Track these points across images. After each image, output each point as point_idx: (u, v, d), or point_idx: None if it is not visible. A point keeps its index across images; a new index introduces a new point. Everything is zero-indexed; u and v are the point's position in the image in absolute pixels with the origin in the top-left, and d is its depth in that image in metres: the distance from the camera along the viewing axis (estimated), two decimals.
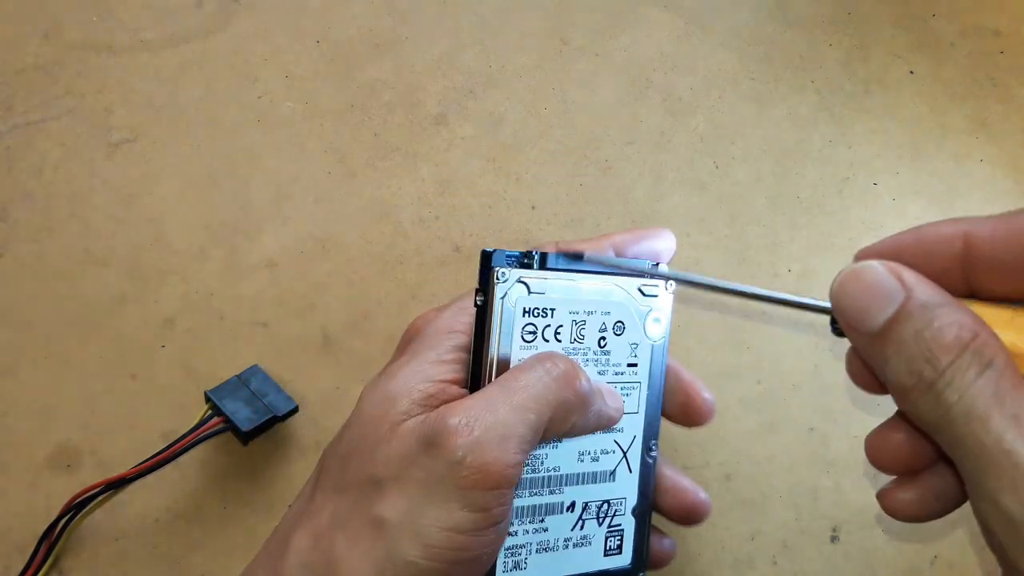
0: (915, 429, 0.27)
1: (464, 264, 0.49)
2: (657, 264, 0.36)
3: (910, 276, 0.24)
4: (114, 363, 0.44)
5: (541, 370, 0.31)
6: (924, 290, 0.24)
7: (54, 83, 0.51)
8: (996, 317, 0.24)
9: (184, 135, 0.50)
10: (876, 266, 0.25)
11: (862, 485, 0.46)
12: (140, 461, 0.40)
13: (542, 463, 0.34)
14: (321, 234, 0.49)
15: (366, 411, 0.31)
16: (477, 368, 0.32)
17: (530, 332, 0.33)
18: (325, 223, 0.49)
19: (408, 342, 0.34)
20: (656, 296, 0.36)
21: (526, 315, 0.33)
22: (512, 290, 0.32)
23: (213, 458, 0.43)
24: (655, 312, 0.36)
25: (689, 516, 0.38)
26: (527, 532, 0.34)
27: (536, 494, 0.34)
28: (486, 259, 0.32)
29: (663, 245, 0.38)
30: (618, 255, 0.37)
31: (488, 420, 0.29)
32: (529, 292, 0.33)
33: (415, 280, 0.48)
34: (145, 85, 0.51)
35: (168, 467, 0.41)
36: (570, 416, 0.31)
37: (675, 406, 0.38)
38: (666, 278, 0.34)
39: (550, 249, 0.34)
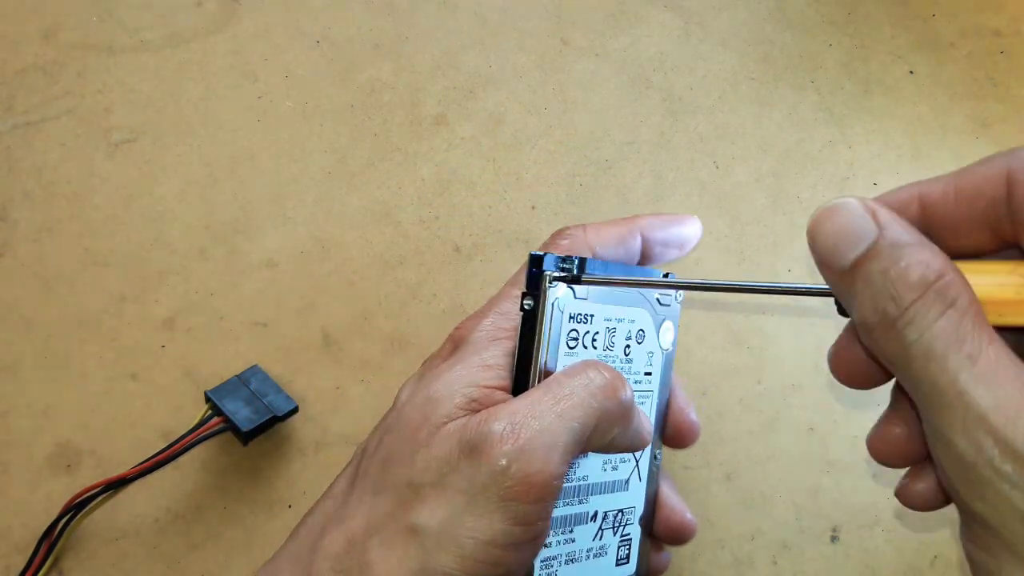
0: (912, 422, 0.27)
1: (464, 264, 0.49)
2: (667, 274, 0.36)
3: (885, 214, 0.24)
4: (114, 363, 0.44)
5: (586, 378, 0.30)
6: (896, 229, 0.24)
7: (54, 83, 0.51)
8: (989, 269, 0.25)
9: (184, 135, 0.50)
10: (852, 203, 0.24)
11: (862, 485, 0.46)
12: (140, 461, 0.40)
13: (575, 472, 0.33)
14: (321, 234, 0.49)
15: (407, 414, 0.30)
16: (524, 374, 0.31)
17: (573, 338, 0.32)
18: (325, 223, 0.49)
19: (453, 349, 0.33)
20: (668, 306, 0.37)
21: (571, 321, 0.32)
22: (563, 296, 0.31)
23: (213, 458, 0.43)
24: (667, 321, 0.36)
25: (675, 535, 0.37)
26: (559, 543, 0.33)
27: (568, 504, 0.33)
28: (537, 262, 0.31)
29: (690, 231, 0.37)
30: (645, 238, 0.36)
31: (534, 427, 0.27)
32: (575, 297, 0.32)
33: (415, 280, 0.48)
34: (145, 85, 0.51)
35: (168, 467, 0.41)
36: (612, 428, 0.30)
37: (668, 426, 0.38)
38: (678, 286, 0.34)
39: (579, 233, 0.34)
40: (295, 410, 0.43)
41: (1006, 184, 0.24)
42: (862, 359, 0.27)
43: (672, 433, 0.38)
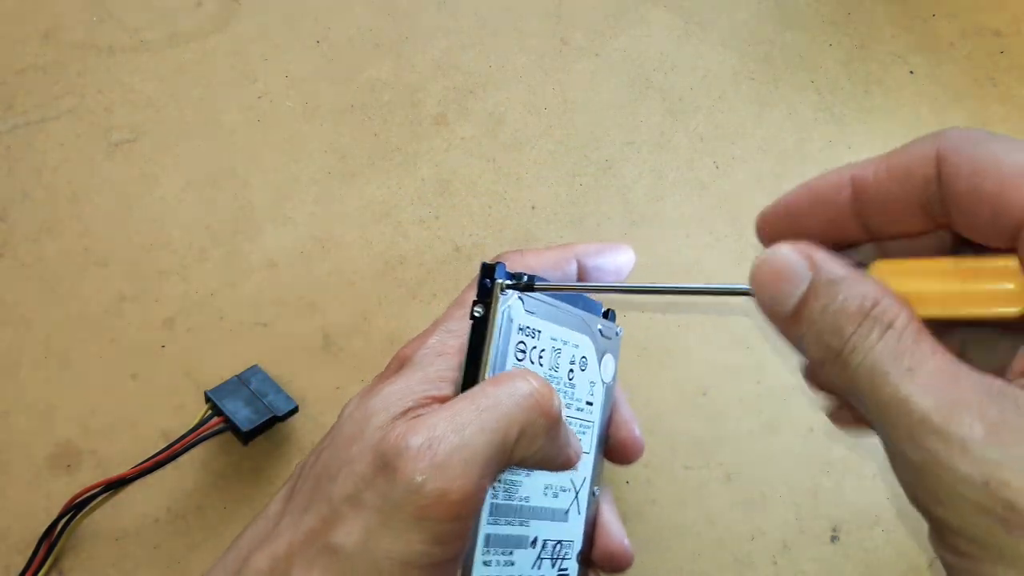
0: None
1: (464, 264, 0.49)
2: (608, 312, 0.37)
3: (818, 255, 0.25)
4: (114, 363, 0.44)
5: (512, 386, 0.29)
6: (830, 266, 0.24)
7: (54, 83, 0.51)
8: (919, 269, 0.26)
9: (184, 135, 0.50)
10: (785, 250, 0.25)
11: (862, 485, 0.46)
12: (140, 461, 0.40)
13: (517, 491, 0.33)
14: (321, 234, 0.49)
15: (344, 429, 0.29)
16: (471, 383, 0.31)
17: (521, 350, 0.32)
18: (325, 223, 0.49)
19: (398, 369, 0.32)
20: (609, 339, 0.37)
21: (520, 332, 0.32)
22: (513, 305, 0.31)
23: (213, 458, 0.43)
24: (608, 354, 0.37)
25: (613, 562, 0.37)
26: (499, 564, 0.32)
27: (509, 523, 0.32)
28: (488, 271, 0.31)
29: (623, 259, 0.38)
30: (580, 264, 0.37)
31: (452, 441, 0.26)
32: (524, 309, 0.32)
33: (415, 280, 0.48)
34: (145, 85, 0.51)
35: (168, 467, 0.41)
36: (537, 439, 0.29)
37: (612, 440, 0.38)
38: (622, 290, 0.34)
39: (516, 256, 0.34)
40: (295, 410, 0.43)
41: (935, 164, 0.24)
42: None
43: (616, 447, 0.37)
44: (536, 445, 0.29)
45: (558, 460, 0.31)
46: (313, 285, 0.47)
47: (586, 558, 0.36)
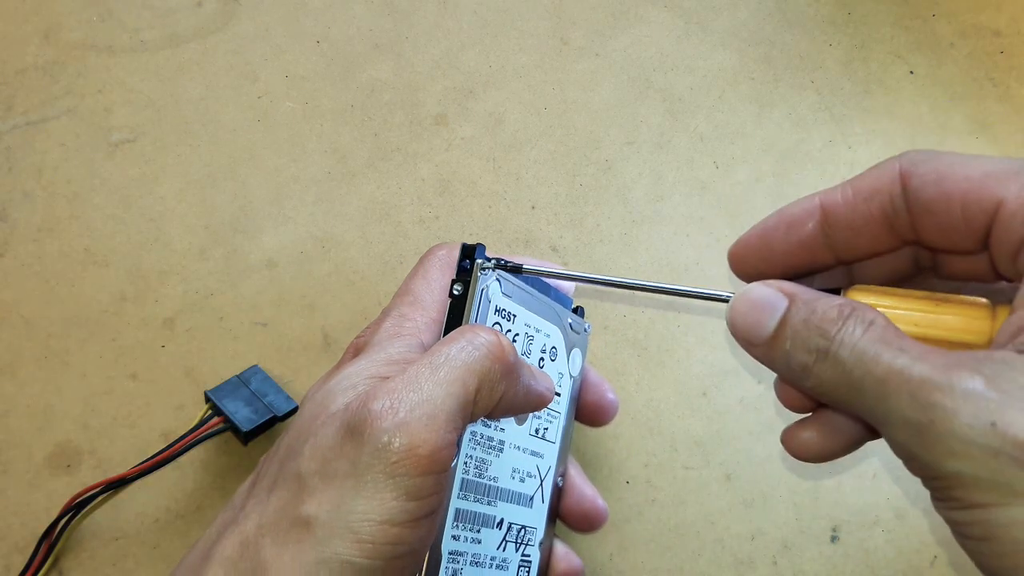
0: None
1: None
2: (578, 308, 0.38)
3: (789, 285, 0.27)
4: (114, 363, 0.44)
5: (464, 340, 0.29)
6: (804, 291, 0.27)
7: (54, 83, 0.51)
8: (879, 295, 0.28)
9: (184, 135, 0.50)
10: (759, 285, 0.28)
11: (862, 485, 0.46)
12: (140, 461, 0.40)
13: (487, 469, 0.33)
14: (321, 234, 0.49)
15: (307, 409, 0.30)
16: None
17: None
18: (325, 223, 0.49)
19: (355, 355, 0.33)
20: (578, 334, 0.38)
21: (497, 314, 0.33)
22: (491, 285, 0.32)
23: (213, 458, 0.43)
24: (576, 348, 0.38)
25: (586, 521, 0.38)
26: (467, 540, 0.33)
27: (478, 500, 0.33)
28: (469, 251, 0.32)
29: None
30: None
31: (413, 399, 0.27)
32: (501, 291, 0.33)
33: None
34: (145, 85, 0.51)
35: (168, 467, 0.41)
36: (497, 386, 0.30)
37: (584, 406, 0.39)
38: (602, 282, 0.35)
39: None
40: (295, 410, 0.43)
41: (899, 180, 0.26)
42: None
43: (592, 409, 0.39)
44: (498, 392, 0.30)
45: (531, 400, 0.32)
46: (313, 285, 0.47)
47: (547, 548, 0.37)
